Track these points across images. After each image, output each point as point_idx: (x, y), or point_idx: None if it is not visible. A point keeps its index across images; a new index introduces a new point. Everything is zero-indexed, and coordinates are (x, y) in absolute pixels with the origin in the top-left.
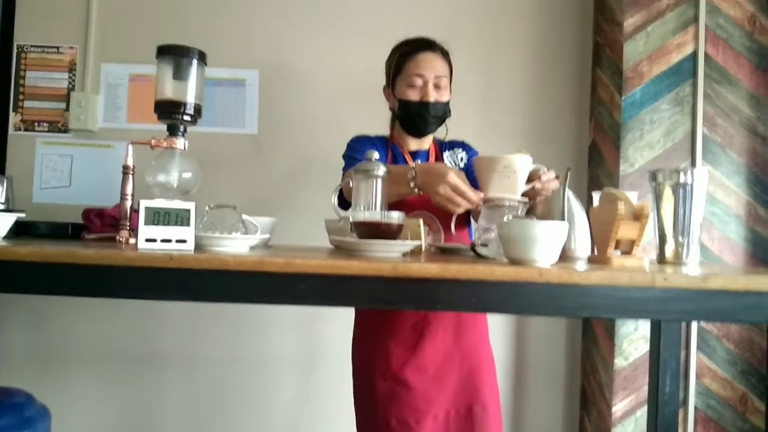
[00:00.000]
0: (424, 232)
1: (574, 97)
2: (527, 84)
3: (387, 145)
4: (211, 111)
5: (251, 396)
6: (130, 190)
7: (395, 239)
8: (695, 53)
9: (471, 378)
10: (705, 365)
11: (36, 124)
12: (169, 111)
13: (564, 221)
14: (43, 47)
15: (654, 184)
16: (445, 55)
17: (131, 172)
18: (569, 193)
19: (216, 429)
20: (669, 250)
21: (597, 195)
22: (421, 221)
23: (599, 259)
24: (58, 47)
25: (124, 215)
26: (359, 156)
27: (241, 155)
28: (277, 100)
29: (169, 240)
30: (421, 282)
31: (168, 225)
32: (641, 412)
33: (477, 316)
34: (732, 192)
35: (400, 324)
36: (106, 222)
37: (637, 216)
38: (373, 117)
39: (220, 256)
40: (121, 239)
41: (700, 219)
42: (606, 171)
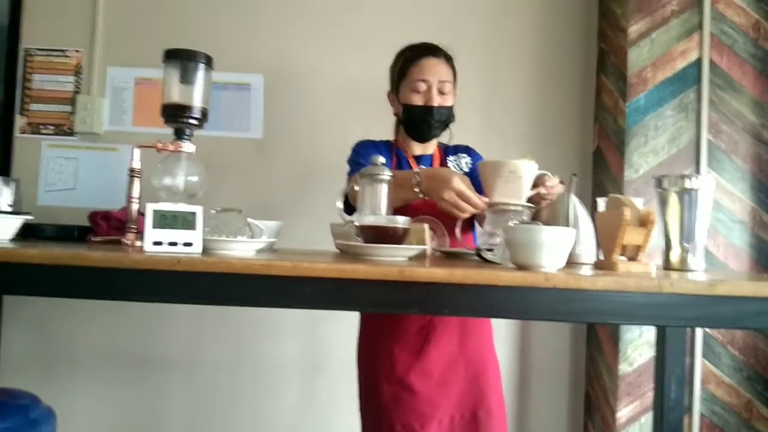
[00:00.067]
0: (428, 236)
1: (578, 103)
2: (531, 89)
3: (391, 150)
4: (217, 115)
5: (255, 400)
6: (136, 193)
7: (401, 244)
8: (700, 60)
9: (476, 382)
10: (710, 371)
11: (42, 127)
12: (176, 114)
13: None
14: (50, 50)
15: (660, 190)
16: (449, 60)
17: (138, 175)
18: (574, 199)
19: None
20: (675, 256)
21: (602, 201)
22: (426, 226)
23: (605, 265)
24: (64, 50)
25: (130, 218)
26: (364, 161)
27: (246, 159)
28: (282, 104)
29: (176, 243)
30: (428, 286)
31: (175, 228)
32: (645, 418)
33: (482, 320)
34: (737, 198)
35: (405, 328)
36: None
37: (643, 222)
38: (377, 122)
39: (227, 259)
40: (128, 242)
41: (706, 225)
42: (610, 177)
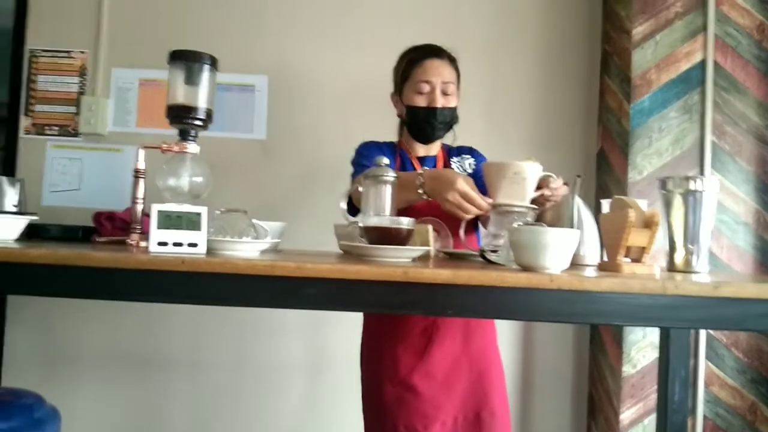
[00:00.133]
0: (432, 237)
1: (582, 105)
2: (535, 91)
3: (395, 151)
4: (221, 116)
5: (257, 400)
6: (141, 193)
7: (405, 245)
8: (704, 61)
9: (479, 383)
10: (714, 373)
11: (46, 127)
12: (181, 116)
13: (574, 228)
14: (55, 52)
15: (664, 191)
16: (453, 62)
17: (143, 176)
18: (578, 201)
19: None
20: (679, 257)
21: (606, 202)
22: (430, 227)
23: (609, 266)
24: (69, 52)
25: (135, 219)
26: (368, 162)
27: (250, 160)
28: (286, 105)
29: (181, 244)
30: (432, 287)
31: (180, 229)
32: (648, 420)
33: (485, 321)
34: (741, 200)
35: (408, 330)
36: (116, 225)
37: (648, 223)
38: (381, 123)
39: (231, 260)
40: (132, 242)
41: (710, 227)
42: (614, 178)
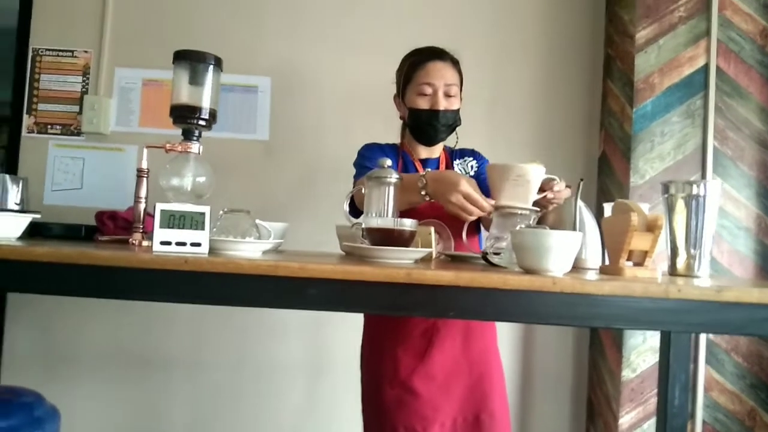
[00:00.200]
0: (434, 239)
1: (584, 108)
2: (537, 94)
3: (398, 153)
4: (224, 117)
5: (258, 401)
6: (144, 193)
7: (407, 246)
8: (707, 66)
9: (479, 385)
10: (713, 378)
11: (49, 126)
12: (185, 115)
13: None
14: (58, 51)
15: (666, 195)
16: (455, 64)
17: (146, 175)
18: (581, 204)
19: None
20: (681, 262)
21: (608, 206)
22: (432, 229)
23: (611, 270)
24: (72, 51)
25: (137, 218)
26: (370, 164)
27: (252, 161)
28: (288, 106)
29: (184, 243)
30: (435, 289)
31: (183, 228)
32: (648, 424)
33: (486, 324)
34: (742, 205)
35: (409, 331)
36: (118, 224)
37: (651, 227)
38: (383, 125)
39: (235, 260)
40: (134, 242)
41: (712, 231)
42: (616, 182)
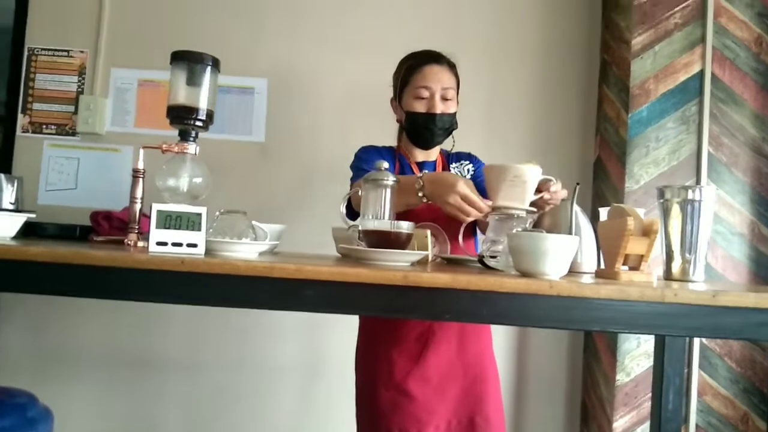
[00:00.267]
0: (431, 242)
1: (580, 113)
2: (534, 98)
3: (394, 156)
4: (219, 118)
5: (253, 402)
6: (140, 193)
7: (404, 249)
8: (702, 73)
9: (474, 388)
10: (706, 383)
11: (44, 126)
12: (182, 116)
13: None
14: (54, 50)
15: (662, 200)
16: (452, 68)
17: (142, 175)
18: (577, 208)
19: None
20: (676, 266)
21: (604, 210)
22: (429, 232)
23: (607, 274)
24: (68, 51)
25: (133, 218)
26: (367, 166)
27: (248, 162)
28: (285, 108)
29: (180, 244)
30: (431, 292)
31: (179, 229)
32: (641, 429)
33: (481, 327)
34: (736, 211)
35: (404, 334)
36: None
37: (646, 232)
38: (379, 128)
39: (231, 260)
40: (130, 242)
41: (707, 236)
42: (611, 187)
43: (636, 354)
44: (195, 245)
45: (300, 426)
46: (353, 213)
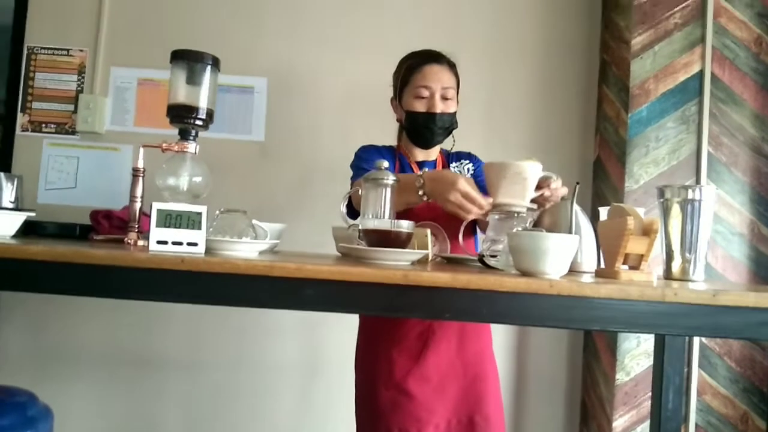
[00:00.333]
0: (431, 241)
1: (579, 113)
2: (533, 98)
3: (394, 156)
4: (219, 117)
5: (253, 401)
6: (140, 192)
7: (404, 248)
8: (702, 73)
9: (473, 388)
10: (706, 382)
11: (43, 125)
12: (182, 115)
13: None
14: (54, 49)
15: (662, 200)
16: (452, 67)
17: (142, 174)
18: (576, 207)
19: None
20: (676, 266)
21: (604, 210)
22: (429, 231)
23: (607, 273)
24: (68, 50)
25: (133, 217)
26: (367, 165)
27: (248, 162)
28: (285, 107)
29: (180, 243)
30: (431, 291)
31: (179, 228)
32: (641, 428)
33: (481, 326)
34: (736, 211)
35: (404, 333)
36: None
37: (646, 231)
38: (379, 128)
39: (231, 259)
40: (130, 241)
41: (707, 236)
42: (610, 186)
43: (636, 353)
44: (195, 244)
45: (300, 425)
46: (353, 212)
